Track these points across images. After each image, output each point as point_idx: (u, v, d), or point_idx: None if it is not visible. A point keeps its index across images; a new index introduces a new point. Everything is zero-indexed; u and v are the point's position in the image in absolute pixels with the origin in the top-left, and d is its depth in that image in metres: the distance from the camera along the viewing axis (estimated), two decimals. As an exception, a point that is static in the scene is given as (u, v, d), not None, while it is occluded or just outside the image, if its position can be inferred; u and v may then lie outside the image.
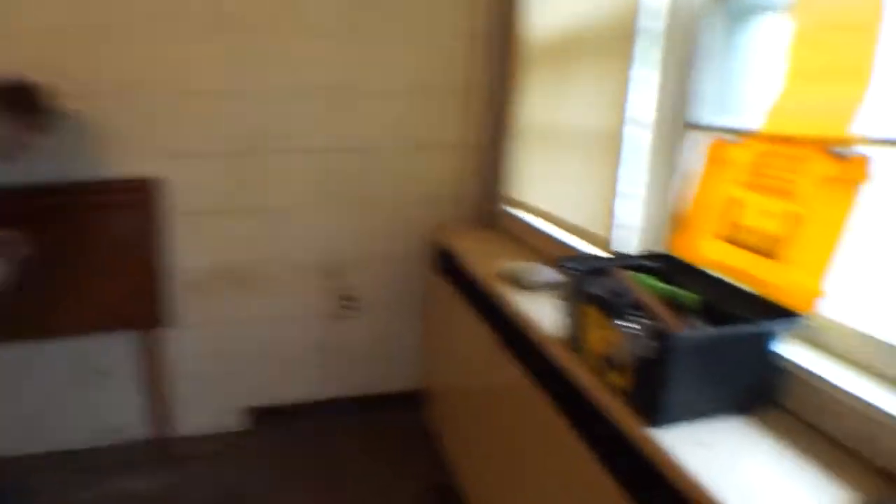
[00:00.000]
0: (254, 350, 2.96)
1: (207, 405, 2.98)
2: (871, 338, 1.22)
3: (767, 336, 1.26)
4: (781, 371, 1.30)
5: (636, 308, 1.41)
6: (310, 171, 2.80)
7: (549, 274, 2.04)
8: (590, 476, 1.45)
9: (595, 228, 2.03)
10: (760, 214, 1.48)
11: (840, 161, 1.30)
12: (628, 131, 1.83)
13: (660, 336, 1.20)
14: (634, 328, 1.25)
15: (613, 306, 1.38)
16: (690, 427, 1.23)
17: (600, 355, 1.42)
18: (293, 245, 2.87)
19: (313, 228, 2.87)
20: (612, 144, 1.89)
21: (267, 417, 3.05)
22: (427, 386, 3.09)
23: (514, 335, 1.90)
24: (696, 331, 1.21)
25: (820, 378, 1.21)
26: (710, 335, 1.20)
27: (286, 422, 3.05)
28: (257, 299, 2.90)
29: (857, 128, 1.26)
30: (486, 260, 2.32)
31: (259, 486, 2.66)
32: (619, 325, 1.30)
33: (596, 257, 1.70)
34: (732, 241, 1.54)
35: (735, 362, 1.25)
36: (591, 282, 1.54)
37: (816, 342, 1.33)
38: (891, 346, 1.19)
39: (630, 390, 1.31)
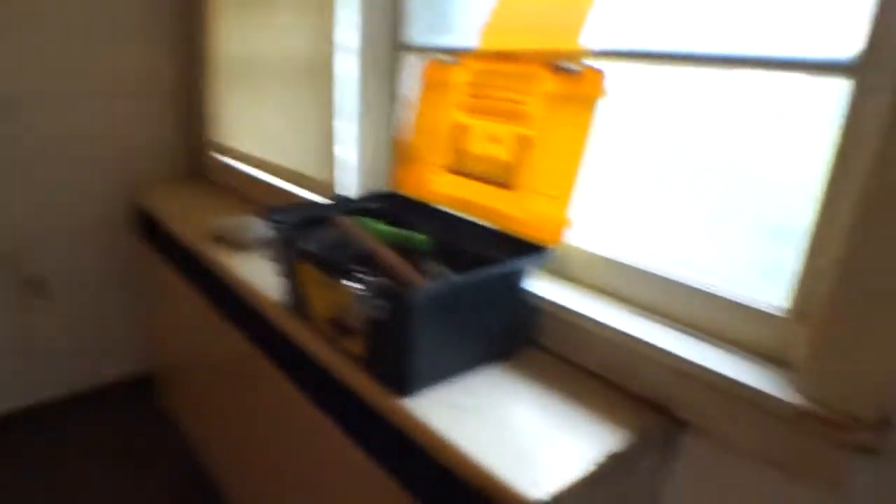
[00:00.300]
0: None
1: None
2: (618, 263, 1.14)
3: (515, 276, 1.12)
4: (534, 309, 1.18)
5: (364, 260, 1.21)
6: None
7: (264, 229, 1.77)
8: (341, 452, 1.25)
9: (314, 172, 1.79)
10: (487, 140, 1.33)
11: (570, 77, 1.18)
12: (339, 59, 1.59)
13: (390, 295, 1.00)
14: (360, 287, 1.04)
15: (332, 262, 1.16)
16: (445, 389, 1.07)
17: (329, 320, 1.20)
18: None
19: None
20: (322, 75, 1.64)
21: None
22: (156, 367, 2.68)
23: (234, 303, 1.61)
24: (433, 285, 1.03)
25: (572, 311, 1.11)
26: (450, 286, 1.03)
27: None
28: None
29: (586, 40, 1.14)
30: (194, 219, 1.98)
31: None
32: (342, 284, 1.08)
33: (311, 205, 1.46)
34: (461, 172, 1.39)
35: (484, 308, 1.10)
36: (309, 235, 1.31)
37: (566, 274, 1.23)
38: (637, 270, 1.11)
39: (367, 358, 1.11)
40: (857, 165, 0.80)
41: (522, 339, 1.20)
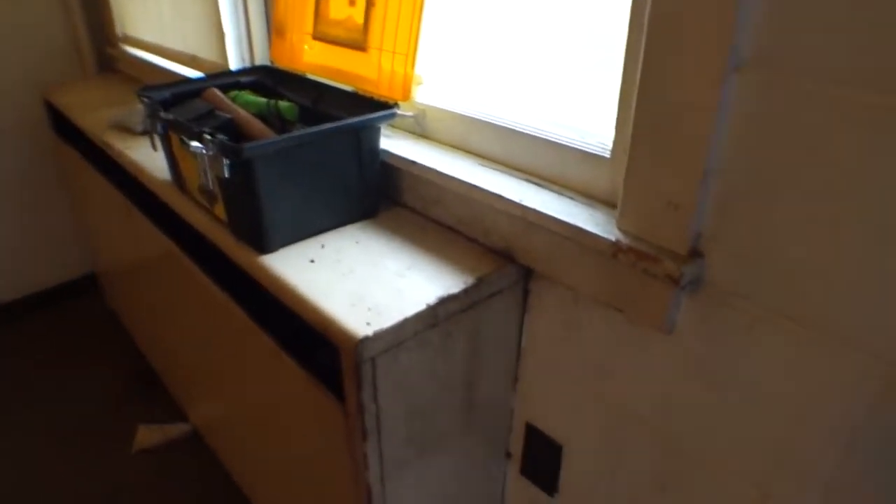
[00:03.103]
0: None
1: None
2: (467, 117, 1.11)
3: (360, 132, 1.09)
4: (394, 168, 1.16)
5: (229, 128, 1.17)
6: None
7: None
8: (227, 313, 1.26)
9: (207, 54, 1.70)
10: (346, 3, 1.27)
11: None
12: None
13: (230, 151, 0.97)
14: (201, 146, 1.01)
15: (185, 127, 1.11)
16: (302, 245, 1.06)
17: (198, 188, 1.18)
18: None
19: None
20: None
21: None
22: (98, 267, 2.65)
23: (137, 189, 1.57)
24: (270, 139, 1.00)
25: (426, 167, 1.09)
26: (287, 139, 1.00)
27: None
28: None
29: None
30: (98, 111, 1.90)
31: None
32: (192, 147, 1.04)
33: (184, 80, 1.40)
34: (324, 39, 1.33)
35: (332, 165, 1.08)
36: (179, 109, 1.26)
37: (423, 133, 1.21)
38: (484, 123, 1.08)
39: (229, 220, 1.10)
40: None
41: (384, 198, 1.19)
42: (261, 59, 1.56)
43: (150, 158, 1.48)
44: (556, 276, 0.96)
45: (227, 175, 0.99)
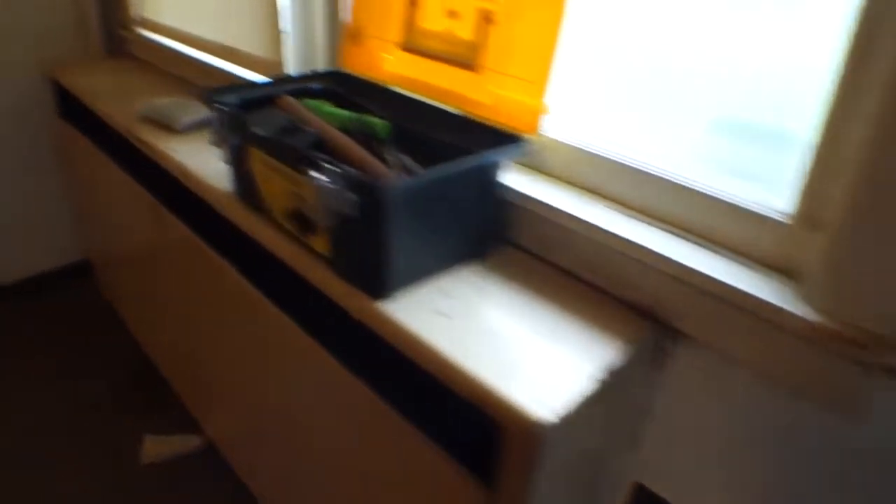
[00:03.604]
0: None
1: None
2: (601, 157, 1.00)
3: (492, 168, 0.98)
4: (509, 204, 1.05)
5: (319, 147, 1.04)
6: None
7: (201, 111, 1.55)
8: (303, 351, 1.13)
9: (254, 49, 1.55)
10: (445, 15, 1.15)
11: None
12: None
13: (363, 188, 0.85)
14: (325, 179, 0.88)
15: (291, 149, 0.99)
16: (419, 291, 0.94)
17: (287, 213, 1.05)
18: None
19: None
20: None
21: None
22: (92, 254, 2.45)
23: (173, 190, 1.42)
24: (411, 178, 0.87)
25: (552, 208, 0.98)
26: (428, 180, 0.88)
27: None
28: None
29: None
30: (120, 99, 1.72)
31: None
32: (304, 174, 0.92)
33: (251, 85, 1.26)
34: (415, 50, 1.21)
35: (459, 203, 0.96)
36: (254, 118, 1.12)
37: (541, 167, 1.09)
38: (621, 166, 0.98)
39: (334, 256, 0.97)
40: (885, 45, 0.68)
41: (496, 236, 1.08)
42: (323, 61, 1.42)
43: (198, 162, 1.33)
44: (711, 343, 0.87)
45: (351, 213, 0.87)
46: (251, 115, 1.14)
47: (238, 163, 1.14)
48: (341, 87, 1.27)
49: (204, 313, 1.53)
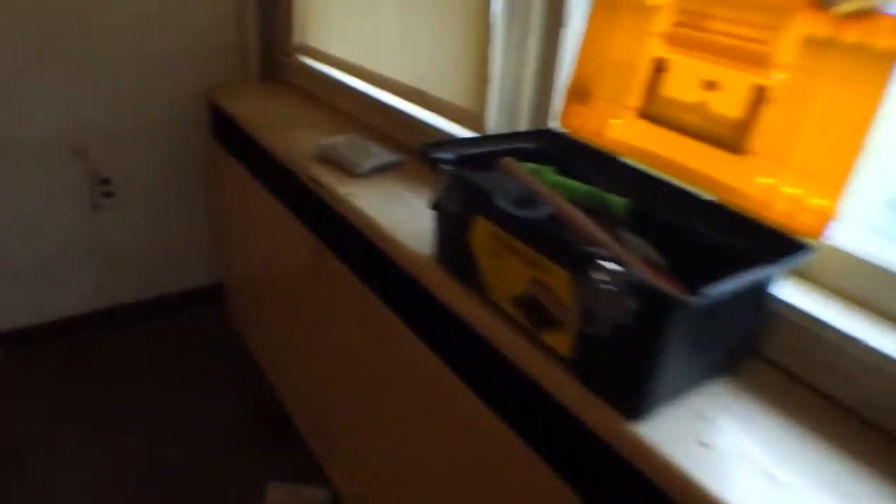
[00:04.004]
0: None
1: None
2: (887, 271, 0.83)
3: (771, 278, 0.82)
4: (773, 316, 0.89)
5: (552, 223, 0.90)
6: (15, 13, 1.82)
7: (380, 153, 1.45)
8: (506, 449, 0.99)
9: (451, 95, 1.43)
10: (700, 86, 1.00)
11: (846, 20, 0.84)
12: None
13: (649, 296, 0.70)
14: (603, 278, 0.74)
15: (539, 230, 0.85)
16: (672, 412, 0.79)
17: (517, 300, 0.91)
18: (10, 116, 1.91)
19: (36, 93, 1.92)
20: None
21: (23, 342, 2.18)
22: (225, 280, 2.39)
23: (345, 236, 1.32)
24: (708, 293, 0.72)
25: (827, 325, 0.82)
26: (724, 294, 0.73)
27: (51, 344, 2.21)
28: None
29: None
30: (286, 131, 1.65)
31: (29, 432, 1.89)
32: (591, 279, 0.78)
33: (466, 141, 1.14)
34: (659, 121, 1.06)
35: (730, 315, 0.81)
36: (475, 179, 1.00)
37: (811, 275, 0.93)
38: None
39: (578, 361, 0.83)
40: None
41: (749, 348, 0.91)
42: (527, 118, 1.30)
43: (384, 213, 1.22)
44: None
45: (623, 320, 0.73)
46: (472, 177, 1.02)
47: (454, 229, 1.01)
48: (553, 147, 1.14)
49: (357, 365, 1.42)
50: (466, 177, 0.96)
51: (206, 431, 1.93)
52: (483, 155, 1.07)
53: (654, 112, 1.07)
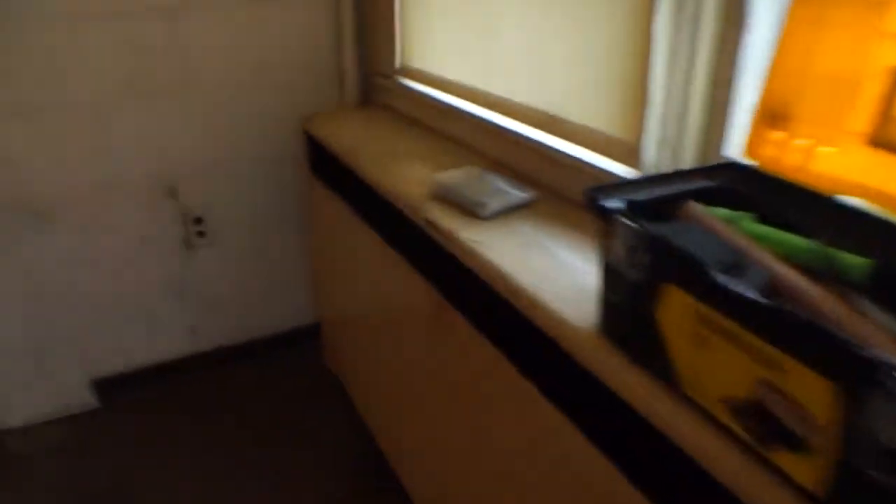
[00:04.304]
0: (83, 305, 1.95)
1: (36, 386, 1.97)
2: None
3: None
4: None
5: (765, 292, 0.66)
6: (108, 47, 1.72)
7: (506, 190, 1.23)
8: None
9: (600, 122, 1.21)
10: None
11: None
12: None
13: None
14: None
15: (771, 311, 0.62)
16: None
17: (732, 404, 0.67)
18: (104, 156, 1.82)
19: (129, 129, 1.82)
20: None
21: (121, 388, 2.09)
22: (323, 319, 2.23)
23: (468, 285, 1.11)
24: None
25: None
26: None
27: (148, 390, 2.12)
28: (69, 236, 1.86)
29: None
30: (391, 164, 1.46)
31: (128, 482, 1.78)
32: (831, 374, 0.54)
33: (633, 183, 0.91)
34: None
35: None
36: (670, 237, 0.77)
37: None
38: None
39: (839, 498, 0.58)
40: None
41: None
42: (698, 146, 1.05)
43: (520, 266, 1.01)
44: None
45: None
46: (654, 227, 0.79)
47: (632, 298, 0.78)
48: (748, 188, 0.89)
49: (487, 441, 1.21)
50: (657, 234, 0.73)
51: (291, 484, 1.76)
52: (656, 200, 0.84)
53: (890, 138, 0.81)
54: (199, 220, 1.98)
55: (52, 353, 1.95)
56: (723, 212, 0.83)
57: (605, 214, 0.78)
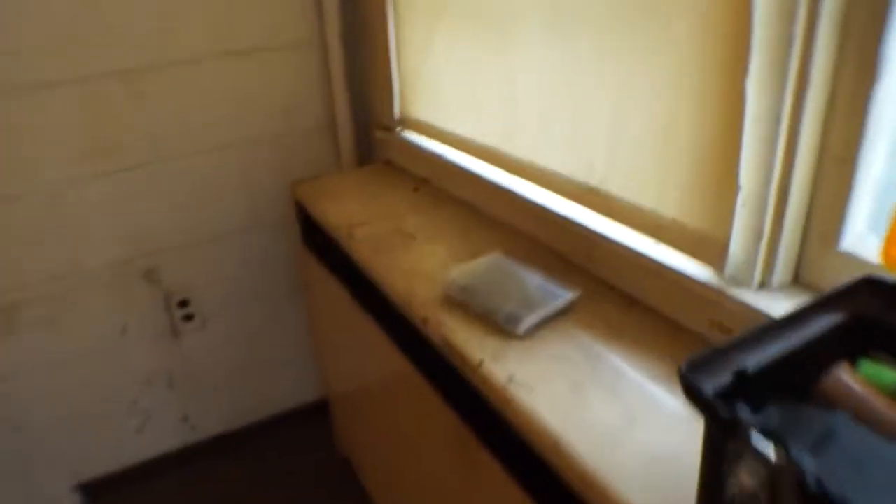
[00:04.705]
0: (60, 407, 1.70)
1: (17, 495, 1.73)
2: None
3: None
4: None
5: None
6: (73, 116, 1.48)
7: (544, 292, 0.96)
8: None
9: (669, 208, 0.93)
10: None
11: None
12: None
13: None
14: None
15: None
16: None
17: None
18: (68, 241, 1.57)
19: (101, 209, 1.57)
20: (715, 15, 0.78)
21: (110, 490, 1.84)
22: (332, 398, 1.97)
23: (519, 454, 0.83)
24: None
25: None
26: None
27: (140, 489, 1.86)
28: (42, 334, 1.60)
29: None
30: (398, 248, 1.20)
31: None
32: None
33: (741, 342, 0.62)
34: None
35: None
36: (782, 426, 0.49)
37: None
38: None
39: None
40: None
41: None
42: (804, 242, 0.78)
43: (575, 421, 0.74)
44: None
45: None
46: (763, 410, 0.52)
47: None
48: (880, 303, 0.61)
49: None
50: (815, 480, 0.45)
51: None
52: (779, 364, 0.56)
53: None
54: (184, 303, 1.73)
55: (34, 462, 1.71)
56: (890, 376, 0.55)
57: (722, 421, 0.50)
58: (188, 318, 1.74)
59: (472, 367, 0.87)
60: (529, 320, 0.90)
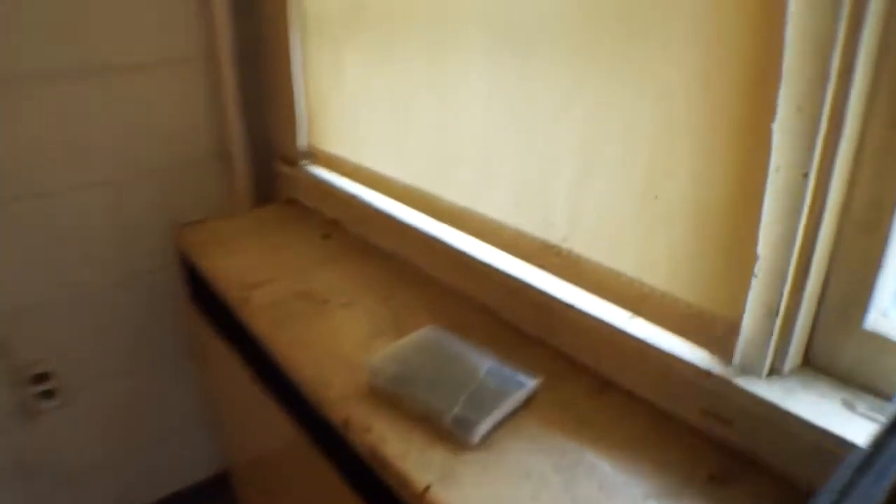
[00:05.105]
0: None
1: None
2: None
3: None
4: None
5: None
6: None
7: (497, 381, 0.77)
8: None
9: (675, 285, 0.75)
10: None
11: None
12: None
13: None
14: None
15: None
16: None
17: None
18: None
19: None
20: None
21: None
22: (233, 468, 1.69)
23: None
24: None
25: None
26: None
27: None
28: None
29: None
30: (305, 324, 0.97)
31: None
32: None
33: (859, 465, 0.45)
34: None
35: None
36: None
37: None
38: None
39: None
40: None
41: None
42: (813, 322, 0.62)
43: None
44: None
45: None
46: None
47: None
48: None
49: None
50: None
51: None
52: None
53: None
54: (42, 377, 1.42)
55: None
56: None
57: None
58: (48, 393, 1.43)
59: (416, 494, 0.66)
60: (485, 425, 0.70)
